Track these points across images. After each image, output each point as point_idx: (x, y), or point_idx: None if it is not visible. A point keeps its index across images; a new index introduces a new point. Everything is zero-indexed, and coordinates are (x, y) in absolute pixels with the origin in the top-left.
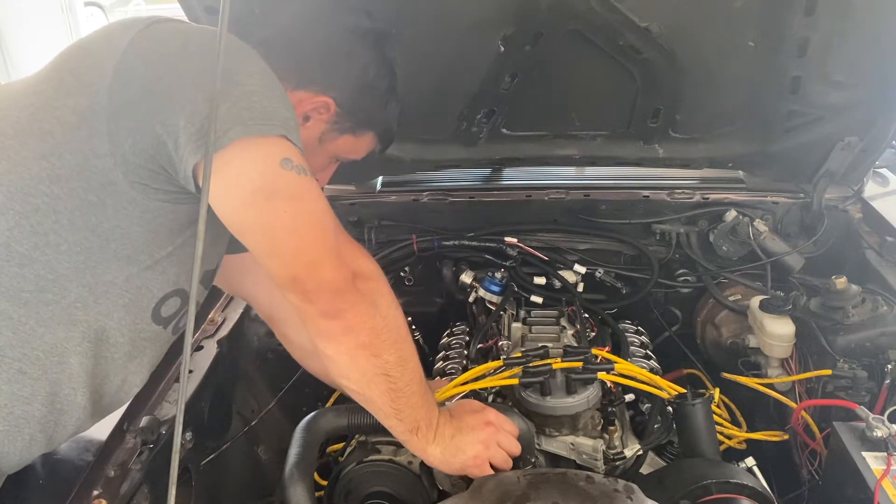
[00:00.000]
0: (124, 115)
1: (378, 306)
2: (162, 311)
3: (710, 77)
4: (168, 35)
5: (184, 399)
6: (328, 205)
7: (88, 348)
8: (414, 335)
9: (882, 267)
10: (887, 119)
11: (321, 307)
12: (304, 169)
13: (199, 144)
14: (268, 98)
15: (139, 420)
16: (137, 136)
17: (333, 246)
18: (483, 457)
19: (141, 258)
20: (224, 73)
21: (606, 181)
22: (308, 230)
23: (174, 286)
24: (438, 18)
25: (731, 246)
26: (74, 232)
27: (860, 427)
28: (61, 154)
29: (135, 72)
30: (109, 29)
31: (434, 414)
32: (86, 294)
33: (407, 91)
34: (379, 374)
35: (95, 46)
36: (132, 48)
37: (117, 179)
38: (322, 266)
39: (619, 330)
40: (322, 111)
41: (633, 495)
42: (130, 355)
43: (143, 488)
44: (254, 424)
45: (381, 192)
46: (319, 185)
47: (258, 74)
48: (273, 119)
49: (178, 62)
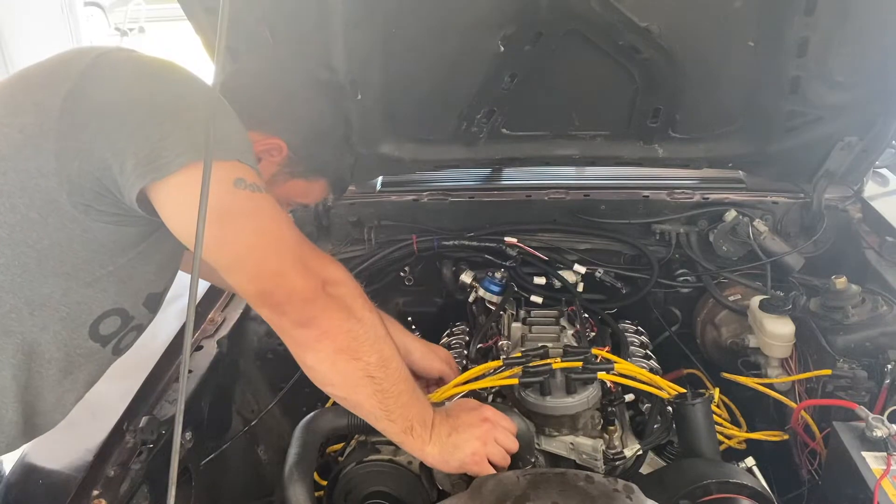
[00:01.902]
0: (73, 137)
1: (351, 309)
2: (101, 328)
3: (709, 77)
4: (122, 63)
5: (184, 399)
6: (287, 217)
7: (22, 360)
8: (414, 335)
9: (882, 267)
10: (887, 119)
11: (293, 317)
12: (259, 187)
13: (147, 170)
14: (225, 121)
15: (139, 420)
16: (85, 158)
17: (297, 256)
18: (481, 453)
19: (80, 275)
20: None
21: (606, 181)
22: (268, 244)
23: (114, 304)
24: (438, 18)
25: (731, 246)
26: (13, 246)
27: (860, 427)
28: (5, 171)
29: (87, 96)
30: (67, 55)
31: (427, 412)
32: (21, 306)
33: (407, 91)
34: (362, 377)
35: (52, 68)
36: (88, 72)
37: (60, 199)
38: (287, 277)
39: (619, 330)
40: (274, 153)
41: (633, 495)
42: (65, 371)
43: (143, 488)
44: (254, 424)
45: (381, 192)
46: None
47: (213, 101)
48: (226, 144)
49: (130, 89)
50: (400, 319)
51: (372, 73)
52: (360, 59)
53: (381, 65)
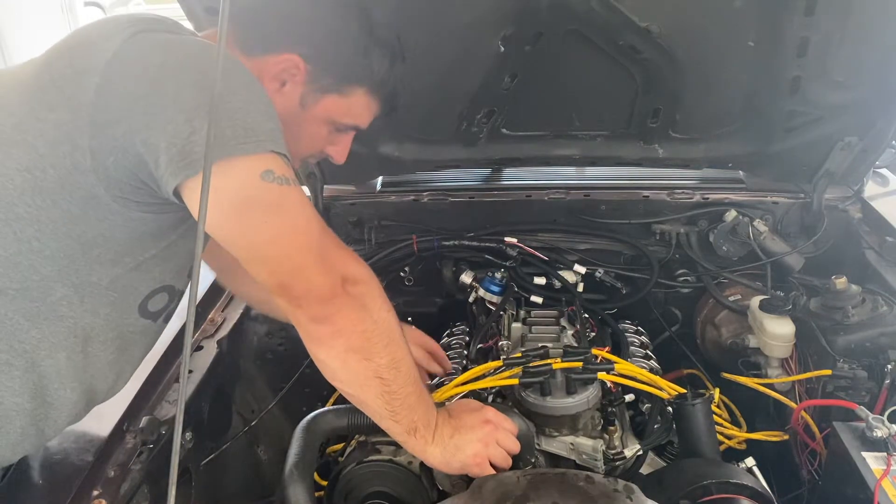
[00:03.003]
0: (106, 134)
1: (368, 310)
2: (149, 306)
3: (710, 77)
4: (149, 50)
5: (184, 399)
6: (313, 211)
7: (75, 343)
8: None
9: (882, 267)
10: (887, 119)
11: (310, 312)
12: (287, 179)
13: (180, 166)
14: (250, 114)
15: (139, 420)
16: (119, 153)
17: (318, 252)
18: (482, 455)
19: (125, 261)
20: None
21: (606, 181)
22: (290, 239)
23: (161, 283)
24: (438, 18)
25: (731, 246)
26: (57, 240)
27: (860, 427)
28: (44, 168)
29: (116, 90)
30: (92, 34)
31: (431, 414)
32: (71, 293)
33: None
34: (371, 377)
35: (79, 54)
36: (114, 63)
37: (99, 193)
38: (307, 272)
39: (619, 330)
40: (293, 71)
41: (633, 495)
42: (121, 349)
43: (143, 488)
44: (254, 424)
45: (381, 192)
46: (338, 159)
47: (241, 89)
48: (255, 135)
49: (158, 80)
50: (400, 319)
51: None
52: None
53: None
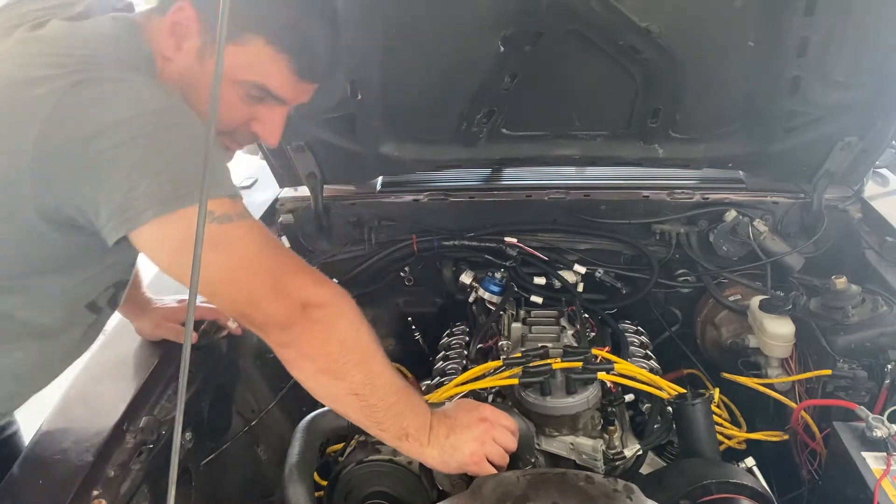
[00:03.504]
0: (47, 183)
1: (334, 331)
2: (98, 301)
3: (709, 77)
4: (89, 105)
5: (184, 399)
6: (264, 240)
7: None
8: (414, 335)
9: (882, 267)
10: (887, 119)
11: (274, 338)
12: (229, 216)
13: (120, 221)
14: (188, 163)
15: (139, 420)
16: (61, 203)
17: (271, 282)
18: (479, 454)
19: (75, 274)
20: (146, 146)
21: (606, 181)
22: (239, 275)
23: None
24: (438, 18)
25: (731, 246)
26: (10, 265)
27: (860, 427)
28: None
29: (55, 144)
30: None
31: (424, 417)
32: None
33: (407, 91)
34: (346, 394)
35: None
36: (54, 118)
37: (45, 230)
38: (262, 303)
39: (619, 330)
40: (187, 23)
41: (633, 495)
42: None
43: (143, 488)
44: (254, 424)
45: (381, 192)
46: (267, 138)
47: (176, 139)
48: (192, 186)
49: (96, 138)
50: (400, 319)
51: (372, 72)
52: (360, 59)
53: (381, 65)
